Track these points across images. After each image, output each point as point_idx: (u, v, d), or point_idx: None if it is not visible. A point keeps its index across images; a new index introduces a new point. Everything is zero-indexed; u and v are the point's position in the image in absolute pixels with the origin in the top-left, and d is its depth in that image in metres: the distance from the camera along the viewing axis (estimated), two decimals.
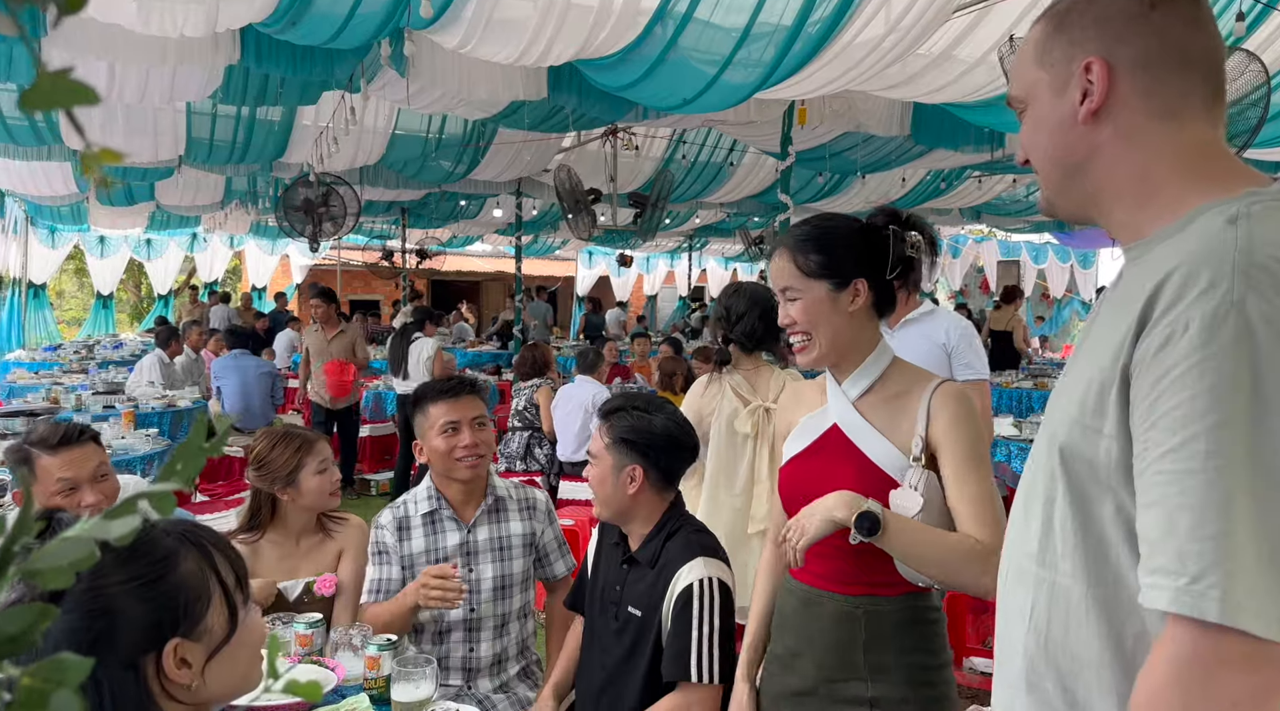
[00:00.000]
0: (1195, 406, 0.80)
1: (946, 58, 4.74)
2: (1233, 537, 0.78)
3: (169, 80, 5.21)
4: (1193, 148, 0.95)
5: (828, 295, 1.57)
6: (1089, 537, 0.94)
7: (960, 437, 1.52)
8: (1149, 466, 0.84)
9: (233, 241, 18.00)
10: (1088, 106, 0.97)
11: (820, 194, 10.47)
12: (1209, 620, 0.78)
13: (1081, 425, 0.93)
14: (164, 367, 7.62)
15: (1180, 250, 0.87)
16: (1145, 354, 0.85)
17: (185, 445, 0.52)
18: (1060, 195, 1.04)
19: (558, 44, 4.40)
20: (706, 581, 1.78)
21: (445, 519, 2.22)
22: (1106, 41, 0.96)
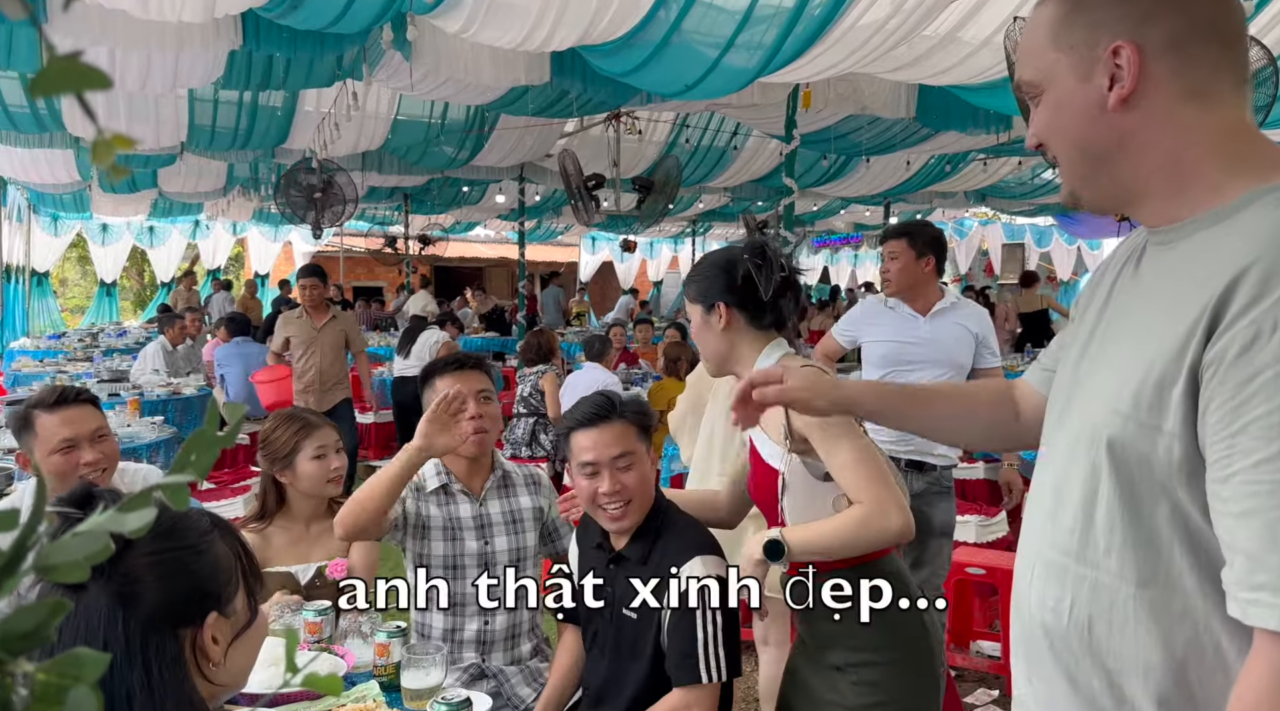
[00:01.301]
0: None
1: (951, 39, 4.70)
2: None
3: (171, 66, 5.19)
4: (1225, 129, 0.91)
5: (701, 317, 1.86)
6: (1139, 537, 0.89)
7: (809, 418, 1.63)
8: (1237, 473, 0.80)
9: (235, 228, 17.99)
10: (1118, 93, 0.91)
11: (825, 177, 10.42)
12: None
13: (1136, 421, 0.88)
14: (167, 355, 7.63)
15: (1247, 242, 0.83)
16: (1223, 353, 0.81)
17: (198, 436, 0.51)
18: (1087, 186, 0.99)
19: (561, 28, 4.37)
20: (710, 585, 1.71)
21: (456, 492, 2.22)
22: (1133, 21, 0.90)
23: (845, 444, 1.64)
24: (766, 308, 1.81)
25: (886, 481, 1.63)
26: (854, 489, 1.62)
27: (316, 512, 2.35)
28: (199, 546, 1.08)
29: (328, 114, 7.40)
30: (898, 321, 3.14)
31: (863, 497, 1.60)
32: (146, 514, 0.46)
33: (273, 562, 2.26)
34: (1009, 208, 14.69)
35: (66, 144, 8.36)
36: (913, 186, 11.32)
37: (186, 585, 1.06)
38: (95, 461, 2.13)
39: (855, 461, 1.63)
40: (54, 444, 2.10)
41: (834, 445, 1.65)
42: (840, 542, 1.61)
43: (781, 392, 1.39)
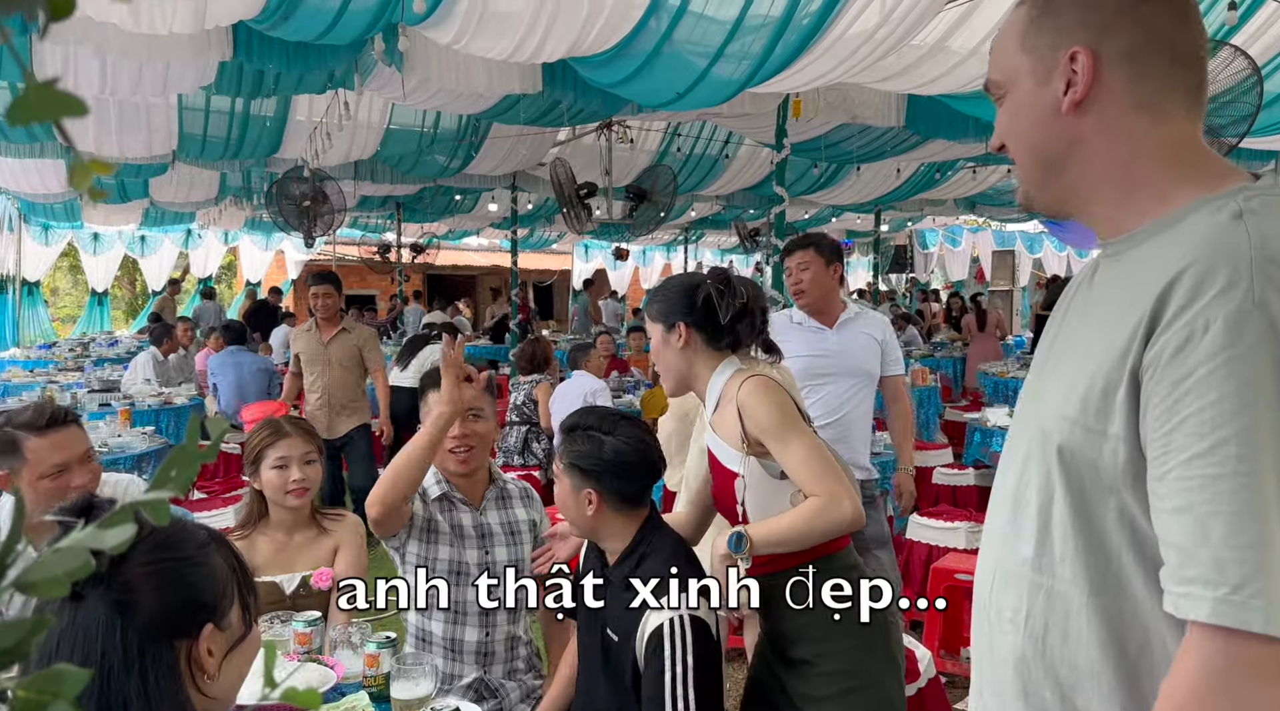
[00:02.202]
0: (1223, 409, 0.78)
1: (940, 49, 4.73)
2: (1270, 546, 0.76)
3: (161, 75, 5.19)
4: (1175, 142, 0.94)
5: (661, 336, 1.95)
6: (1091, 543, 0.91)
7: (762, 419, 1.78)
8: (1171, 470, 0.82)
9: (227, 237, 17.95)
10: (1071, 97, 0.94)
11: (816, 185, 10.46)
12: (1253, 630, 0.76)
13: (1084, 426, 0.90)
14: (158, 365, 7.61)
15: (1184, 247, 0.85)
16: (1160, 355, 0.83)
17: (180, 451, 0.51)
18: (1039, 188, 1.02)
19: (551, 39, 4.39)
20: (677, 621, 1.69)
21: (457, 502, 2.24)
22: (1094, 30, 0.93)
23: (796, 442, 1.76)
24: (724, 331, 1.91)
25: (836, 474, 1.75)
26: (807, 483, 1.73)
27: (298, 522, 2.33)
28: (196, 558, 1.09)
29: (320, 123, 7.41)
30: (806, 336, 3.16)
31: (816, 490, 1.72)
32: (126, 530, 0.46)
33: (257, 572, 2.24)
34: (999, 215, 14.75)
35: (57, 153, 8.34)
36: (903, 194, 11.38)
37: (183, 596, 1.06)
38: (84, 484, 2.10)
39: (806, 458, 1.75)
40: (45, 469, 2.05)
41: (786, 445, 1.76)
42: (798, 533, 1.72)
43: None
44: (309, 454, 2.32)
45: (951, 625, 3.58)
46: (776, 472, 1.81)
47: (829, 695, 1.78)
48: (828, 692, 1.78)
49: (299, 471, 2.28)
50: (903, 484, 3.41)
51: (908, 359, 9.99)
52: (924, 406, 7.33)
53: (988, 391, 8.20)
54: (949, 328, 12.90)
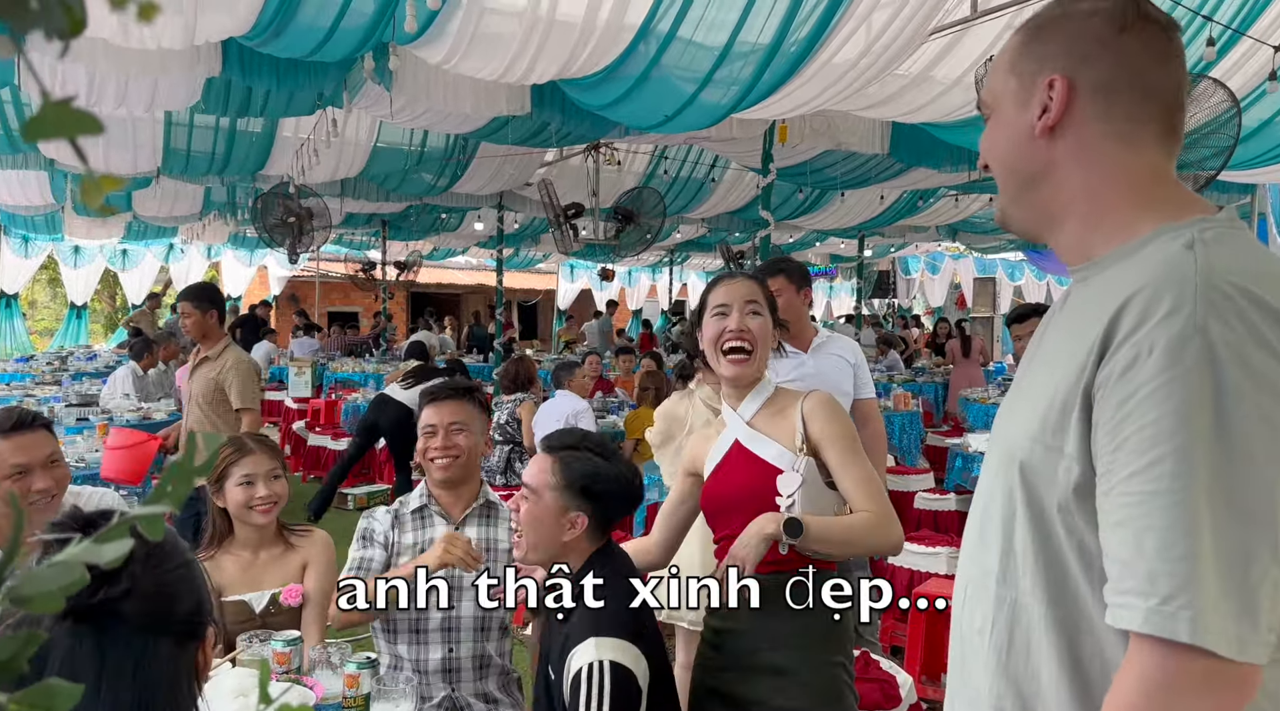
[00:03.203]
0: (1161, 428, 0.82)
1: (924, 78, 4.81)
2: (1199, 559, 0.79)
3: (149, 90, 5.19)
4: (1144, 173, 0.97)
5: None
6: (1048, 556, 0.94)
7: (836, 433, 1.86)
8: (1115, 487, 0.85)
9: (210, 252, 17.86)
10: (1044, 122, 0.98)
11: (800, 210, 10.55)
12: (1180, 640, 0.79)
13: (1043, 444, 0.93)
14: (138, 380, 7.54)
15: (1140, 273, 0.89)
16: (1109, 376, 0.86)
17: (176, 466, 0.52)
18: (1015, 205, 1.05)
19: (541, 61, 4.42)
20: (596, 666, 1.61)
21: (433, 514, 2.26)
22: (1073, 60, 0.97)
23: (858, 460, 1.85)
24: None
25: (888, 500, 1.84)
26: (864, 499, 1.80)
27: (265, 539, 2.32)
28: (192, 562, 1.09)
29: (307, 140, 7.41)
30: (784, 362, 3.17)
31: (873, 507, 1.78)
32: (123, 545, 0.47)
33: (225, 591, 2.23)
34: (980, 242, 14.91)
35: (40, 165, 8.30)
36: (886, 220, 11.48)
37: (195, 600, 1.07)
38: (47, 488, 2.10)
39: (867, 477, 1.83)
40: (5, 470, 2.06)
41: (849, 460, 1.85)
42: (851, 539, 1.78)
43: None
44: (274, 469, 2.30)
45: (933, 651, 3.59)
46: (826, 479, 1.87)
47: (801, 707, 1.78)
48: (801, 705, 1.78)
49: (265, 487, 2.26)
50: None
51: (890, 383, 10.06)
52: (907, 431, 7.36)
53: (969, 417, 8.26)
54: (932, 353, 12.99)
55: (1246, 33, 4.35)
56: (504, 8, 4.24)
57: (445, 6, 3.98)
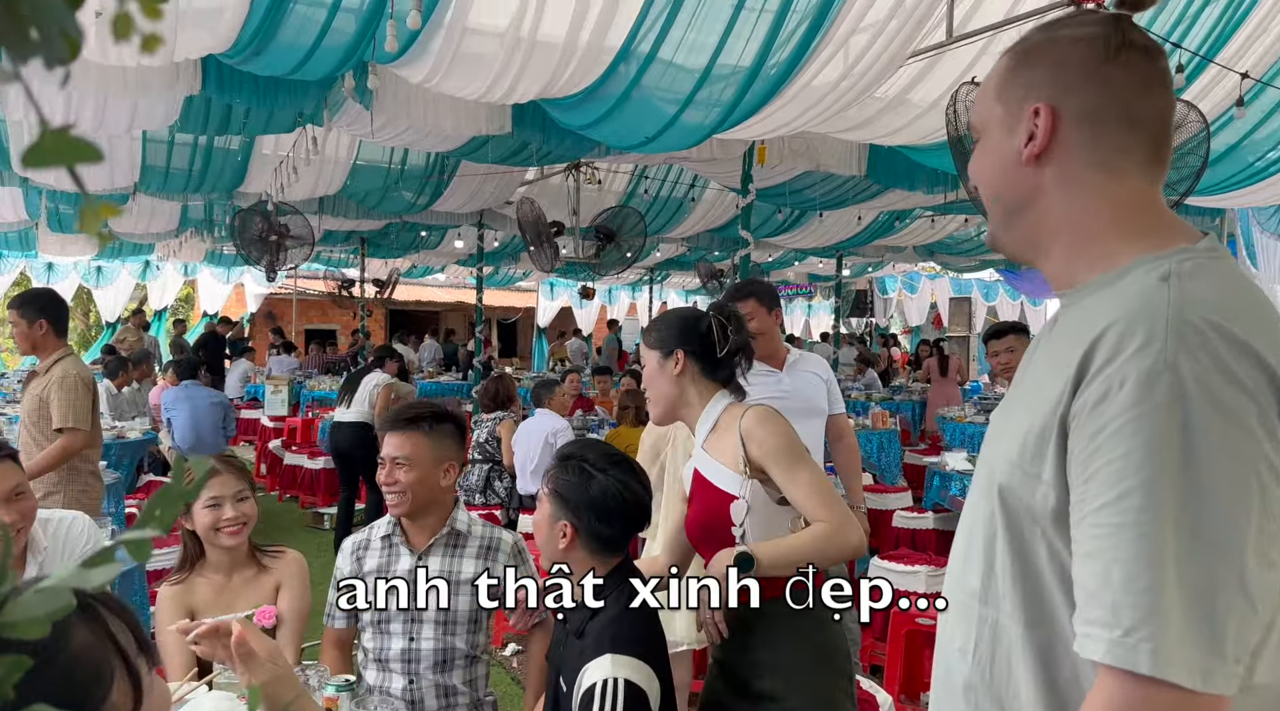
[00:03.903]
0: (1130, 462, 0.83)
1: (901, 101, 4.87)
2: (1163, 591, 0.80)
3: (129, 111, 5.15)
4: (1129, 201, 0.98)
5: (658, 362, 2.00)
6: (1027, 579, 0.95)
7: (774, 448, 1.83)
8: (1085, 518, 0.87)
9: (187, 269, 17.71)
10: (1030, 149, 0.99)
11: (780, 229, 10.62)
12: (1141, 672, 0.80)
13: (1022, 469, 0.95)
14: (112, 399, 7.45)
15: (1116, 304, 0.90)
16: (1083, 406, 0.87)
17: (164, 491, 0.51)
18: (1004, 230, 1.07)
19: (523, 81, 4.44)
20: (610, 683, 1.63)
21: (398, 544, 2.24)
22: (1058, 88, 0.98)
23: (803, 469, 1.82)
24: (720, 363, 1.96)
25: (841, 501, 1.82)
26: (815, 509, 1.78)
27: (237, 562, 2.30)
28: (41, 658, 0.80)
29: (285, 158, 7.38)
30: (761, 379, 3.18)
31: (824, 516, 1.76)
32: (111, 569, 0.46)
33: (199, 615, 2.21)
34: (956, 263, 15.07)
35: (14, 182, 8.21)
36: (863, 240, 11.59)
37: None
38: (12, 522, 2.05)
39: (814, 485, 1.80)
40: None
41: (793, 472, 1.81)
42: (807, 555, 1.74)
43: None
44: (241, 491, 2.27)
45: (912, 669, 3.60)
46: (776, 498, 1.85)
47: None
48: None
49: (232, 509, 2.23)
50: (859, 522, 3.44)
51: (867, 401, 10.12)
52: (885, 450, 7.40)
53: (946, 435, 8.32)
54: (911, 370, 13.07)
55: (1214, 59, 4.44)
56: (485, 28, 4.26)
57: (426, 27, 4.00)
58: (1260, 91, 4.85)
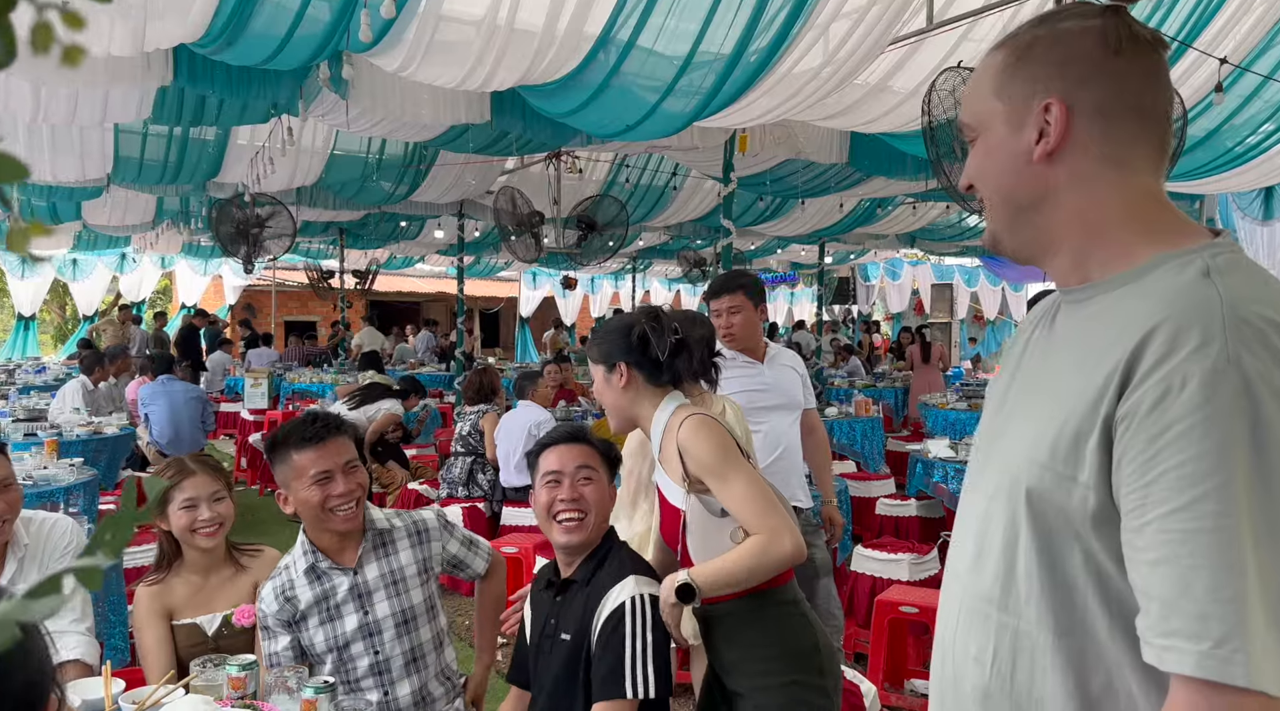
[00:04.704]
0: (1202, 465, 0.80)
1: (881, 89, 4.86)
2: (1249, 600, 0.78)
3: (100, 102, 5.06)
4: (1140, 196, 0.96)
5: (603, 377, 2.01)
6: (1056, 585, 0.92)
7: (701, 457, 1.83)
8: (1150, 523, 0.83)
9: (164, 261, 17.52)
10: (1044, 147, 0.96)
11: (762, 217, 10.61)
12: (1236, 684, 0.78)
13: (1053, 472, 0.91)
14: (88, 394, 7.35)
15: (1155, 302, 0.87)
16: (1136, 408, 0.84)
17: (114, 517, 0.49)
18: (1008, 232, 1.03)
19: (501, 69, 4.40)
20: (639, 598, 1.80)
21: (326, 569, 2.11)
22: (1069, 83, 0.95)
23: (735, 479, 1.81)
24: (663, 367, 1.98)
25: (777, 509, 1.80)
26: (749, 520, 1.78)
27: (214, 561, 2.27)
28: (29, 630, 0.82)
29: (261, 148, 7.29)
30: (741, 371, 3.19)
31: (758, 527, 1.77)
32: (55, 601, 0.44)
33: (177, 615, 2.19)
34: (938, 249, 15.12)
35: None
36: (845, 227, 11.60)
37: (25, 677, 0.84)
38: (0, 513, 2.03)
39: (746, 495, 1.80)
40: None
41: (726, 482, 1.81)
42: (743, 572, 1.77)
43: None
44: (217, 492, 2.24)
45: (895, 657, 3.61)
46: (717, 510, 1.86)
47: None
48: None
49: (208, 510, 2.20)
50: (833, 516, 3.45)
51: (850, 389, 10.15)
52: (868, 438, 7.42)
53: (929, 422, 8.35)
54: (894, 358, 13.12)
55: (1193, 45, 4.45)
56: (461, 15, 4.21)
57: (401, 14, 3.94)
58: (1239, 77, 4.86)
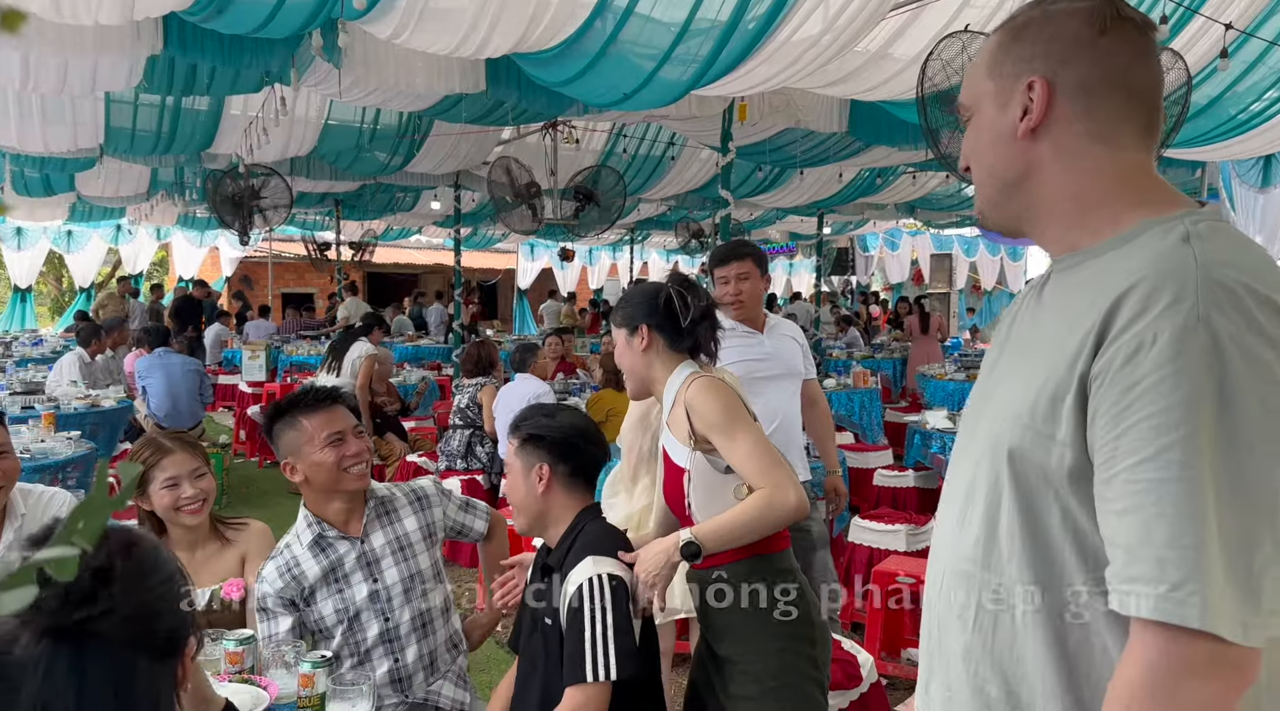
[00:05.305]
0: (1169, 418, 0.83)
1: (882, 56, 4.79)
2: (1208, 546, 0.81)
3: (90, 71, 4.99)
4: (1126, 169, 0.99)
5: (625, 340, 2.04)
6: (1036, 542, 0.95)
7: (708, 416, 1.86)
8: (1119, 474, 0.86)
9: (159, 233, 17.42)
10: (1026, 123, 1.00)
11: (760, 188, 10.53)
12: (1190, 626, 0.81)
13: (1033, 431, 0.94)
14: (85, 366, 7.33)
15: (1135, 264, 0.90)
16: (1109, 365, 0.88)
17: (87, 503, 0.47)
18: (995, 207, 1.07)
19: (495, 35, 4.33)
20: (595, 579, 1.76)
21: (334, 540, 2.13)
22: (1052, 62, 0.99)
23: (741, 436, 1.84)
24: (685, 333, 1.99)
25: (780, 464, 1.83)
26: (754, 476, 1.81)
27: (199, 538, 2.26)
28: (174, 577, 1.04)
29: (255, 118, 7.21)
30: (741, 341, 3.18)
31: (762, 482, 1.79)
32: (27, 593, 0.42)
33: None
34: (937, 219, 15.04)
35: None
36: (845, 198, 11.51)
37: (180, 616, 1.03)
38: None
39: (752, 452, 1.82)
40: None
41: (732, 440, 1.84)
42: (746, 526, 1.79)
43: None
44: (197, 468, 2.23)
45: (892, 627, 3.63)
46: (721, 467, 1.88)
47: (749, 695, 1.84)
48: (748, 692, 1.84)
49: (190, 487, 2.20)
50: (836, 486, 3.45)
51: (849, 360, 10.14)
52: (866, 409, 7.42)
53: (927, 393, 8.35)
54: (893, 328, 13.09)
55: (1199, 10, 4.38)
56: None
57: None
58: (1244, 42, 4.80)
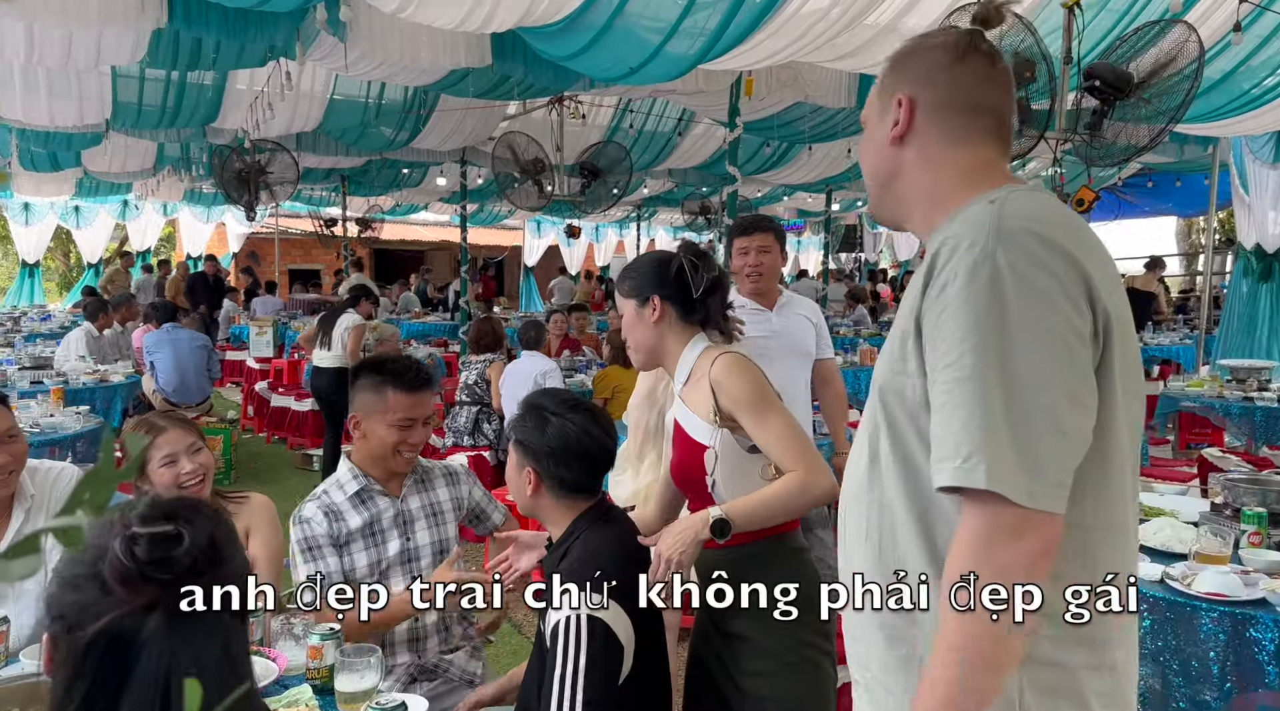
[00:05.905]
0: (963, 331, 1.04)
1: (891, 29, 4.73)
2: (992, 427, 1.01)
3: (94, 44, 4.97)
4: (973, 166, 1.21)
5: (634, 311, 1.98)
6: (905, 461, 1.14)
7: (742, 397, 1.83)
8: (935, 381, 1.07)
9: (166, 209, 17.41)
10: (895, 132, 1.23)
11: (767, 164, 10.46)
12: (977, 486, 1.00)
13: (893, 369, 1.15)
14: (93, 341, 7.36)
15: (954, 227, 1.12)
16: (930, 303, 1.09)
17: (93, 474, 0.48)
18: (877, 202, 1.31)
19: (501, 9, 4.30)
20: (574, 619, 1.64)
21: (376, 494, 2.22)
22: (918, 83, 1.22)
23: (772, 417, 1.82)
24: (696, 305, 1.94)
25: (812, 447, 1.81)
26: (786, 458, 1.78)
27: None
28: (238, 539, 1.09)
29: (260, 93, 7.18)
30: (749, 317, 3.12)
31: (796, 465, 1.77)
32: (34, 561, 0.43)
33: None
34: None
35: None
36: (853, 174, 11.43)
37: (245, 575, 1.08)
38: (4, 464, 2.02)
39: (784, 433, 1.80)
40: None
41: (762, 420, 1.81)
42: (780, 508, 1.77)
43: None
44: (193, 443, 2.21)
45: None
46: (746, 446, 1.85)
47: (764, 670, 1.82)
48: (763, 668, 1.82)
49: (189, 462, 2.18)
50: (842, 466, 3.44)
51: (857, 338, 10.11)
52: None
53: None
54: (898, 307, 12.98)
55: None
56: None
57: None
58: (1258, 15, 4.73)
